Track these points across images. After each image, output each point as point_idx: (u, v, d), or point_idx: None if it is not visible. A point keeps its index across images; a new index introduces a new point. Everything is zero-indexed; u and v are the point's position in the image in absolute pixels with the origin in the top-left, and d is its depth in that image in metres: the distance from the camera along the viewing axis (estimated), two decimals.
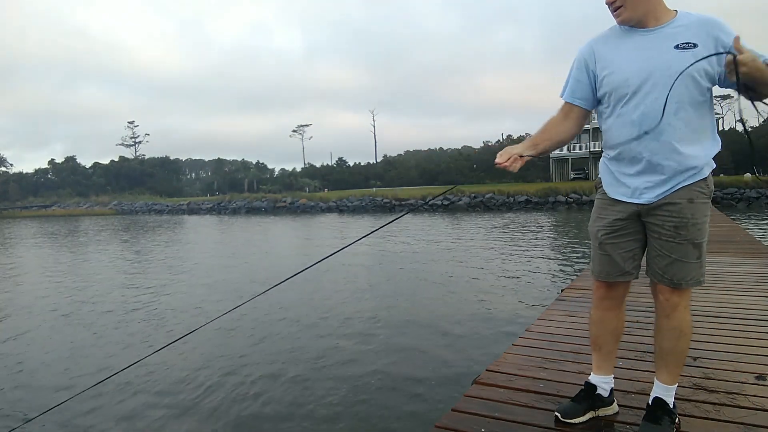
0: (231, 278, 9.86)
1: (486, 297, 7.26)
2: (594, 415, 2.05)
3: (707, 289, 4.39)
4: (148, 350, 5.19)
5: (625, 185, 1.87)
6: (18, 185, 66.15)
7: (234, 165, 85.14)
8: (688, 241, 1.80)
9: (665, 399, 1.93)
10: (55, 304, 7.88)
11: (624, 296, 2.03)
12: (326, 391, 4.14)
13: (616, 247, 1.92)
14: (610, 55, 1.85)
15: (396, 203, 35.87)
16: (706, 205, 1.82)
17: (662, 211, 1.81)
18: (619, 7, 1.78)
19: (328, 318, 6.48)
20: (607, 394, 2.09)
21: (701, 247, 1.83)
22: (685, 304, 1.87)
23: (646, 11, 1.76)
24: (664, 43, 1.74)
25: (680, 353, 1.91)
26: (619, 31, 1.86)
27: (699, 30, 1.71)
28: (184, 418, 3.77)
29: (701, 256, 1.83)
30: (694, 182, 1.78)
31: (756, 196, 27.24)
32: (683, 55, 1.70)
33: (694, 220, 1.79)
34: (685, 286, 1.84)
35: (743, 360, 2.64)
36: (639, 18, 1.77)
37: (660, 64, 1.73)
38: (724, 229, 9.26)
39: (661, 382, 1.94)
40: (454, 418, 2.13)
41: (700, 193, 1.79)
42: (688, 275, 1.82)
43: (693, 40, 1.71)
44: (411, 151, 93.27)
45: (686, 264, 1.81)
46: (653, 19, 1.77)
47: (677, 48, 1.72)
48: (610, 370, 2.10)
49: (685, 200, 1.78)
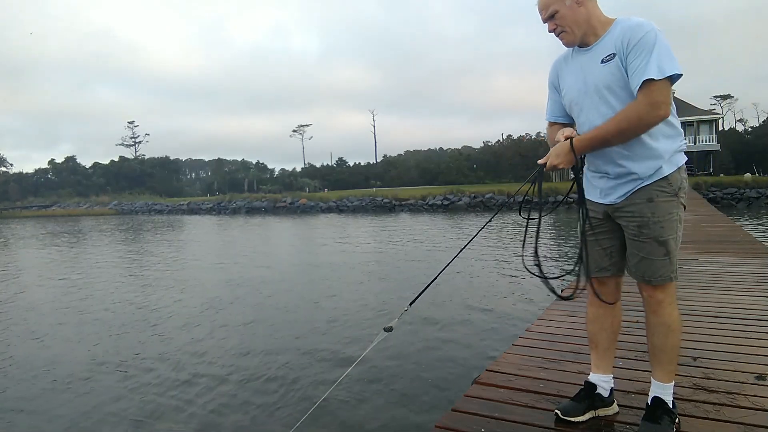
0: (239, 277, 9.86)
1: (486, 297, 7.26)
2: (594, 414, 2.06)
3: (707, 289, 4.39)
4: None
5: (595, 187, 1.97)
6: (18, 185, 66.13)
7: (234, 165, 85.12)
8: (651, 239, 1.84)
9: (663, 398, 1.93)
10: (73, 305, 7.88)
11: (617, 293, 2.06)
12: (322, 391, 4.14)
13: (594, 244, 2.00)
14: (564, 74, 1.97)
15: (396, 203, 35.85)
16: (670, 203, 1.84)
17: (625, 212, 1.88)
18: (560, 32, 1.86)
19: (328, 318, 6.47)
20: (608, 394, 2.09)
21: (667, 244, 1.84)
22: (669, 300, 1.90)
23: (584, 31, 1.84)
24: (594, 59, 1.84)
25: (671, 349, 1.92)
26: (571, 50, 1.96)
27: (618, 39, 1.76)
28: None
29: (669, 254, 1.85)
30: (653, 182, 1.82)
31: (756, 196, 27.19)
32: (607, 68, 1.79)
33: (656, 218, 1.83)
34: (655, 283, 1.87)
35: (743, 360, 2.64)
36: (580, 39, 1.86)
37: (592, 80, 1.83)
38: (724, 229, 9.25)
39: (657, 381, 1.96)
40: (454, 418, 2.13)
41: (660, 192, 1.83)
42: (657, 272, 1.86)
43: (612, 51, 1.78)
44: (411, 151, 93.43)
45: (654, 261, 1.85)
46: (593, 36, 1.85)
47: (602, 62, 1.81)
48: (608, 368, 2.10)
49: (644, 200, 1.83)
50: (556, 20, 1.84)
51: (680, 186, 1.85)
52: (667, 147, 1.82)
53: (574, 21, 1.82)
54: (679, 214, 1.86)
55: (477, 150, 67.25)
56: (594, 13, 1.84)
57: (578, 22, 1.82)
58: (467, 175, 56.70)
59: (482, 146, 67.34)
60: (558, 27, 1.85)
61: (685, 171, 1.90)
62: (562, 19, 1.82)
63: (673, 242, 1.85)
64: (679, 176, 1.85)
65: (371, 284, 8.81)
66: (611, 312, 2.08)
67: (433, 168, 63.77)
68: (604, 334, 2.09)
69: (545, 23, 1.88)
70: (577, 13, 1.81)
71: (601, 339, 2.09)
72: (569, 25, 1.83)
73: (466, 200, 32.88)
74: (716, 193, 27.84)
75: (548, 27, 1.87)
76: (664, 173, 1.82)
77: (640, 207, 1.84)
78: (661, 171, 1.82)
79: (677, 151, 1.86)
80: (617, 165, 1.85)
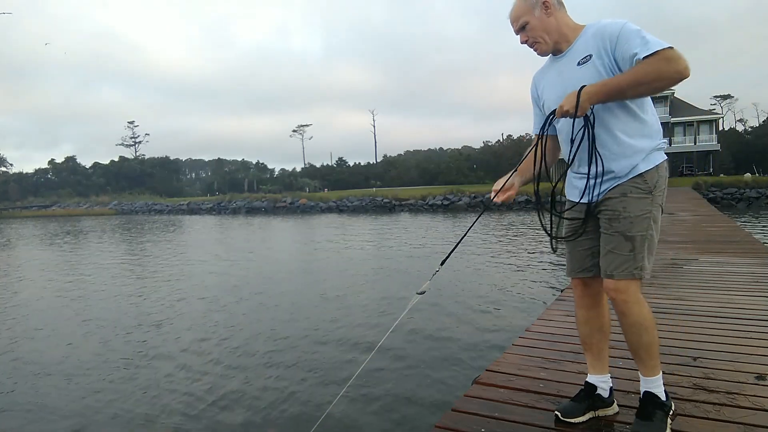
0: (243, 276, 9.87)
1: (486, 297, 7.26)
2: (594, 415, 2.06)
3: (707, 289, 4.39)
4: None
5: (575, 187, 2.00)
6: (18, 185, 66.15)
7: (234, 165, 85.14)
8: (619, 232, 1.86)
9: (653, 391, 1.93)
10: (80, 306, 7.88)
11: (602, 293, 2.06)
12: (325, 391, 4.14)
13: (576, 245, 2.03)
14: (542, 84, 2.02)
15: (396, 203, 35.85)
16: (643, 200, 1.84)
17: (602, 207, 1.91)
18: (533, 43, 1.92)
19: (328, 317, 6.47)
20: (607, 395, 2.10)
21: (634, 240, 1.84)
22: (634, 299, 1.88)
23: (556, 39, 1.90)
24: (570, 63, 1.88)
25: (649, 345, 1.92)
26: (547, 60, 2.02)
27: (593, 40, 1.80)
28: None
29: (635, 250, 1.84)
30: (629, 179, 1.85)
31: (756, 196, 27.18)
32: (584, 70, 1.81)
33: (626, 213, 1.84)
34: (617, 277, 1.86)
35: (743, 360, 2.64)
36: (553, 47, 1.92)
37: (570, 84, 1.83)
38: (724, 229, 9.26)
39: (643, 376, 1.96)
40: (454, 418, 2.13)
41: (634, 188, 1.84)
42: (619, 266, 1.85)
43: (588, 52, 1.81)
44: (411, 151, 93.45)
45: (618, 255, 1.86)
46: (565, 43, 1.90)
47: (579, 65, 1.84)
48: (604, 369, 2.12)
49: (619, 195, 1.86)
50: (527, 32, 1.90)
51: (656, 184, 1.85)
52: (644, 145, 1.84)
53: (545, 30, 1.87)
54: (653, 213, 1.86)
55: (477, 150, 67.22)
56: (563, 20, 1.89)
57: (549, 31, 1.87)
58: (467, 175, 56.68)
59: (482, 146, 67.32)
60: (530, 38, 1.91)
61: (665, 170, 1.90)
62: (533, 30, 1.88)
63: (640, 239, 1.84)
64: (656, 174, 1.86)
65: (375, 282, 8.80)
66: (600, 313, 2.10)
67: (433, 168, 63.76)
68: (596, 336, 2.10)
69: (517, 35, 1.93)
70: (546, 22, 1.87)
71: (594, 340, 2.11)
72: (540, 35, 1.88)
73: (466, 200, 32.87)
74: (716, 193, 27.84)
75: (520, 39, 1.93)
76: (639, 170, 1.84)
77: (613, 202, 1.87)
78: (636, 168, 1.84)
79: (655, 149, 1.86)
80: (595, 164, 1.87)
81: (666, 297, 4.09)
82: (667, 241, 7.62)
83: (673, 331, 3.18)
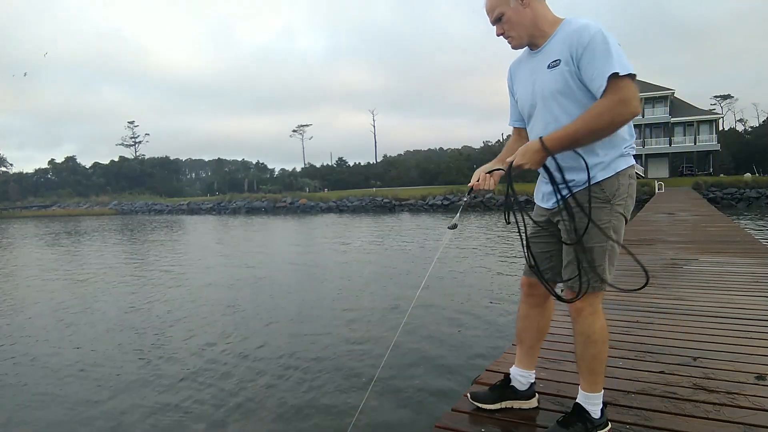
0: (243, 275, 9.87)
1: (486, 297, 7.26)
2: (507, 405, 2.12)
3: (707, 289, 4.39)
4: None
5: (540, 191, 1.97)
6: (18, 185, 66.13)
7: (234, 165, 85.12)
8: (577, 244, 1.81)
9: (585, 406, 1.89)
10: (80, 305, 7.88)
11: (549, 297, 2.05)
12: (324, 390, 4.14)
13: (535, 247, 1.99)
14: (517, 78, 1.95)
15: (396, 203, 35.85)
16: (600, 210, 1.76)
17: (561, 216, 1.85)
18: (507, 36, 1.82)
19: (328, 317, 6.47)
20: (525, 389, 2.13)
21: (592, 251, 1.77)
22: (590, 309, 1.82)
23: (530, 33, 1.79)
24: (541, 63, 1.79)
25: (590, 360, 1.86)
26: (524, 52, 1.92)
27: (563, 45, 1.71)
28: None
29: (594, 262, 1.77)
30: (585, 188, 1.77)
31: (756, 196, 27.20)
32: (552, 74, 1.74)
33: (583, 224, 1.76)
34: (575, 289, 1.81)
35: (743, 360, 2.64)
36: (527, 41, 1.82)
37: (539, 86, 1.79)
38: (724, 229, 9.25)
39: (582, 390, 1.92)
40: (454, 418, 2.13)
41: (592, 198, 1.76)
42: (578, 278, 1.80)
43: (557, 57, 1.72)
44: (411, 151, 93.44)
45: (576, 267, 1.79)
46: (541, 38, 1.80)
47: (549, 68, 1.75)
48: (530, 365, 2.14)
49: (574, 205, 1.79)
50: (503, 24, 1.80)
51: (615, 192, 1.77)
52: (604, 153, 1.76)
53: (520, 23, 1.77)
54: (612, 222, 1.77)
55: (477, 150, 67.25)
56: (541, 13, 1.77)
57: (524, 25, 1.77)
58: (467, 175, 56.06)
59: (482, 146, 67.37)
60: (505, 31, 1.81)
61: (629, 176, 1.80)
62: (509, 22, 1.78)
63: (599, 250, 1.77)
64: (617, 182, 1.77)
65: (379, 281, 8.80)
66: (541, 313, 2.11)
67: (433, 168, 63.77)
68: (531, 333, 2.12)
69: (494, 26, 1.84)
70: (522, 14, 1.76)
71: (527, 337, 2.12)
72: (514, 28, 1.78)
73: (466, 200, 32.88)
74: (716, 193, 27.85)
75: (496, 31, 1.83)
76: (596, 179, 1.76)
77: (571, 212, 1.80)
78: (593, 178, 1.76)
79: (619, 156, 1.79)
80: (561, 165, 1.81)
81: (666, 297, 4.09)
82: (667, 241, 7.62)
83: (673, 331, 3.18)
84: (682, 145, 46.38)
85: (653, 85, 47.29)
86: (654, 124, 46.89)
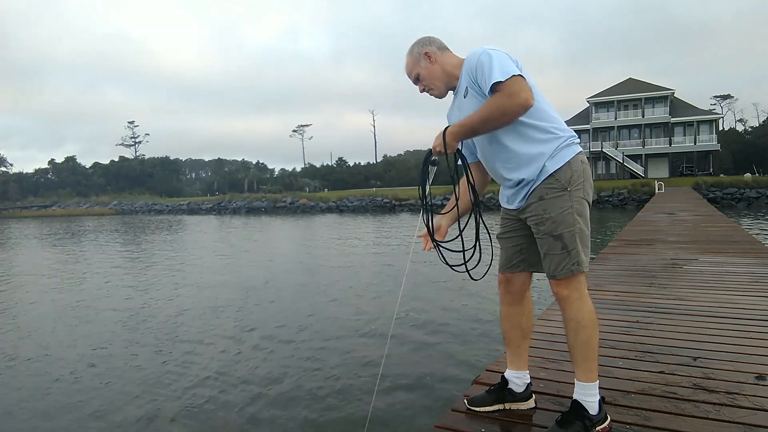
0: (242, 277, 9.87)
1: (485, 297, 7.26)
2: (503, 407, 2.13)
3: (707, 289, 4.39)
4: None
5: (504, 194, 2.11)
6: (18, 185, 66.16)
7: (234, 165, 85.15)
8: (547, 234, 1.91)
9: (582, 401, 1.91)
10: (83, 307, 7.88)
11: (523, 291, 2.16)
12: (324, 391, 4.14)
13: (506, 242, 2.15)
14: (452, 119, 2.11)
15: (396, 203, 35.85)
16: (560, 198, 1.89)
17: (527, 214, 1.97)
18: (428, 90, 2.07)
19: (329, 318, 6.48)
20: (521, 390, 2.15)
21: (563, 238, 1.88)
22: (576, 295, 1.91)
23: (445, 81, 2.05)
24: (459, 97, 2.03)
25: (582, 346, 1.93)
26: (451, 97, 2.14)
27: (466, 75, 1.95)
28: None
29: (567, 247, 1.88)
30: (542, 182, 1.90)
31: (756, 196, 27.20)
32: (469, 100, 1.95)
33: (547, 214, 1.89)
34: (559, 277, 1.91)
35: (743, 360, 2.64)
36: (446, 88, 2.06)
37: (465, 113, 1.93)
38: (724, 229, 9.25)
39: (577, 380, 1.96)
40: (454, 418, 2.13)
41: (549, 189, 1.89)
42: (558, 266, 1.90)
43: (465, 85, 1.96)
44: (411, 151, 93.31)
45: (554, 256, 1.90)
46: (455, 80, 2.04)
47: (465, 97, 1.98)
48: (522, 365, 2.17)
49: (536, 199, 1.92)
50: (421, 81, 2.05)
51: (570, 179, 1.88)
52: (542, 149, 1.90)
53: (433, 77, 2.03)
54: (574, 207, 1.89)
55: None
56: (448, 62, 2.03)
57: (437, 77, 2.03)
58: None
59: None
60: (425, 87, 2.06)
61: (581, 162, 1.92)
62: (425, 80, 2.04)
63: (569, 236, 1.88)
64: (569, 170, 1.89)
65: (380, 281, 8.81)
66: (520, 311, 2.16)
67: None
68: (516, 332, 2.16)
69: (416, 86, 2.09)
70: (432, 70, 2.03)
71: (513, 336, 2.17)
72: (432, 83, 2.04)
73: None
74: (716, 193, 27.85)
75: (419, 89, 2.09)
76: (549, 171, 1.89)
77: (534, 206, 1.92)
78: (545, 170, 1.89)
79: (562, 147, 1.90)
80: (507, 177, 1.98)
81: (666, 297, 4.09)
82: (667, 241, 7.62)
83: (673, 331, 3.18)
84: (682, 145, 46.36)
85: (653, 85, 47.27)
86: (654, 124, 46.86)
